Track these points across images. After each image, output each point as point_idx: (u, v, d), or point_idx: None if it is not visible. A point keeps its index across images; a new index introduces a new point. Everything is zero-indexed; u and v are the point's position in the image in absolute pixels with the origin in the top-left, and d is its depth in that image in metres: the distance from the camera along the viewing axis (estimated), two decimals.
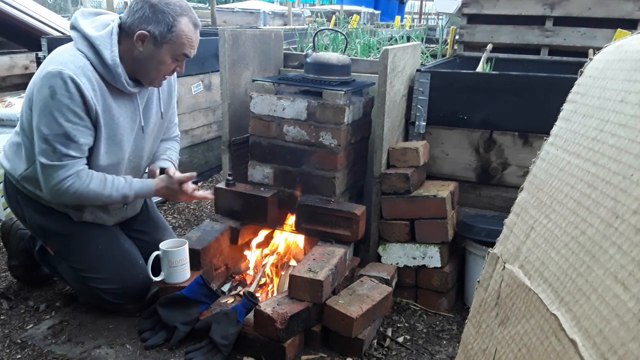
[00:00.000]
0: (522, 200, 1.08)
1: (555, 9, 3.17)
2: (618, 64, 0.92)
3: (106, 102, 1.79)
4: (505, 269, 1.04)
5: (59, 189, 1.74)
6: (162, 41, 1.76)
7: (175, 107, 2.19)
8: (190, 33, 1.79)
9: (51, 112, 1.67)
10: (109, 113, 1.80)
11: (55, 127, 1.68)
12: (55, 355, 1.80)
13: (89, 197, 1.80)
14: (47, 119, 1.68)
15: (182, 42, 1.78)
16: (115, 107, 1.82)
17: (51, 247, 2.01)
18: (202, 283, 1.90)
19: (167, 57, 1.79)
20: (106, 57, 1.73)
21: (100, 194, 1.81)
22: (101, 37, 1.75)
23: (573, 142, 0.96)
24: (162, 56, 1.78)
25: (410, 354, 1.93)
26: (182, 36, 1.77)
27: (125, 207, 2.07)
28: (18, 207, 1.96)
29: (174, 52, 1.79)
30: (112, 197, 1.84)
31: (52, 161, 1.71)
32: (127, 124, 1.88)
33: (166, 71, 1.83)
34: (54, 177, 1.73)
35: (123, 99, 1.85)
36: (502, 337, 0.99)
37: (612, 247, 0.74)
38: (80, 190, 1.76)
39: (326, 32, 3.67)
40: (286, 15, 8.09)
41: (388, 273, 2.12)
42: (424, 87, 2.34)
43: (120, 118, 1.84)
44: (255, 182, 2.27)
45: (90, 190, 1.78)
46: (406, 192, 2.17)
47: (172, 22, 1.74)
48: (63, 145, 1.70)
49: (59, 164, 1.71)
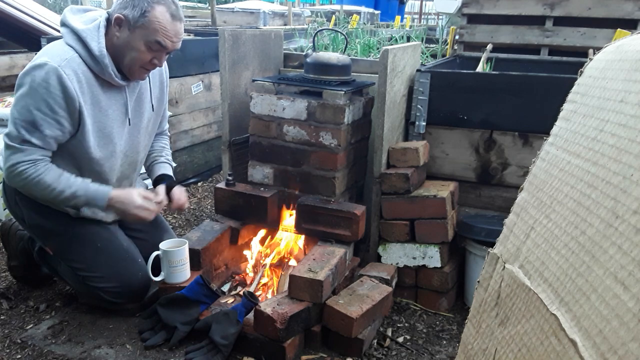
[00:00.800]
0: (522, 200, 1.08)
1: (555, 9, 3.17)
2: (618, 64, 0.92)
3: (94, 94, 1.80)
4: (505, 269, 1.04)
5: (12, 171, 1.75)
6: (135, 25, 1.75)
7: (166, 102, 2.19)
8: (165, 22, 1.75)
9: (26, 99, 1.70)
10: (97, 105, 1.81)
11: (25, 114, 1.70)
12: (55, 355, 1.80)
13: (38, 187, 1.77)
14: (21, 104, 1.71)
15: (155, 29, 1.74)
16: (104, 99, 1.83)
17: (50, 248, 2.01)
18: (202, 283, 1.90)
19: (140, 44, 1.76)
20: (93, 48, 1.75)
21: (52, 187, 1.77)
22: (88, 30, 1.77)
23: (573, 142, 0.96)
24: (135, 42, 1.76)
25: (410, 354, 1.93)
26: (155, 22, 1.74)
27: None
28: (17, 208, 1.96)
29: (147, 39, 1.75)
30: (63, 194, 1.79)
31: (12, 143, 1.73)
32: (117, 116, 1.89)
33: (141, 60, 1.79)
34: (10, 159, 1.75)
35: (112, 92, 1.86)
36: (502, 337, 0.99)
37: (612, 247, 0.74)
38: (31, 177, 1.75)
39: (326, 32, 3.67)
40: (286, 15, 8.09)
41: (388, 273, 2.12)
42: (424, 87, 2.34)
43: (109, 110, 1.85)
44: (255, 182, 2.27)
45: (42, 181, 1.76)
46: (406, 192, 2.17)
47: (146, 8, 1.74)
48: (27, 132, 1.71)
49: (18, 147, 1.73)
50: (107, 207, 1.88)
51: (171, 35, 1.78)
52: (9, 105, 3.21)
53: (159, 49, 1.79)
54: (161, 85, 2.09)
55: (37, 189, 1.79)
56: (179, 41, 1.83)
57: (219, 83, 2.39)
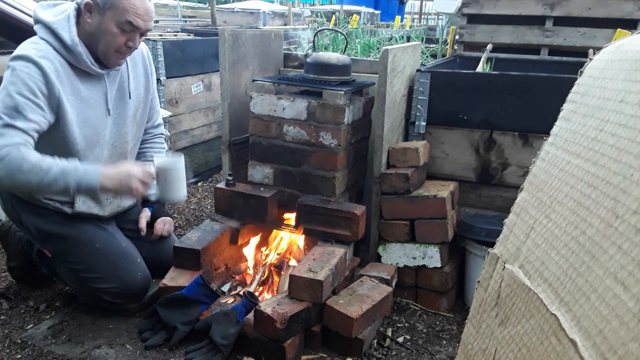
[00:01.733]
0: (522, 200, 1.08)
1: (555, 9, 3.17)
2: (618, 64, 0.92)
3: (73, 85, 1.79)
4: (505, 269, 1.04)
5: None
6: (105, 7, 1.74)
7: (155, 92, 2.15)
8: (135, 1, 1.73)
9: (7, 86, 1.69)
10: (77, 96, 1.80)
11: (7, 100, 1.67)
12: (55, 355, 1.80)
13: (22, 170, 1.62)
14: (3, 94, 1.68)
15: (125, 8, 1.72)
16: (84, 89, 1.82)
17: (48, 250, 2.00)
18: (202, 283, 1.90)
19: (112, 26, 1.74)
20: (65, 38, 1.75)
21: (37, 167, 1.64)
22: (59, 22, 1.77)
23: (573, 142, 0.96)
24: (106, 25, 1.75)
25: (410, 354, 1.93)
26: (123, 1, 1.72)
27: (120, 195, 2.00)
28: (13, 211, 1.96)
29: (117, 19, 1.73)
30: (51, 172, 1.65)
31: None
32: (99, 106, 1.87)
33: (116, 44, 1.76)
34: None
35: (92, 82, 1.85)
36: (502, 337, 0.99)
37: (612, 247, 0.74)
38: (14, 160, 1.61)
39: (326, 32, 3.67)
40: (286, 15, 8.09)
41: (388, 273, 2.12)
42: (424, 87, 2.34)
43: (90, 100, 1.84)
44: (255, 182, 2.27)
45: (26, 161, 1.62)
46: (406, 192, 2.17)
47: None
48: (9, 117, 1.65)
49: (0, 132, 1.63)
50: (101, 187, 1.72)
51: (141, 13, 1.75)
52: None
53: (131, 29, 1.76)
54: (145, 72, 2.06)
55: (21, 172, 1.63)
56: (151, 20, 1.80)
57: (219, 83, 2.39)
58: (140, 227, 2.08)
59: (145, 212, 2.14)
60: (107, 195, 1.97)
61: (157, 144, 2.23)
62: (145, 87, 2.06)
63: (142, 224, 2.09)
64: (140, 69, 2.04)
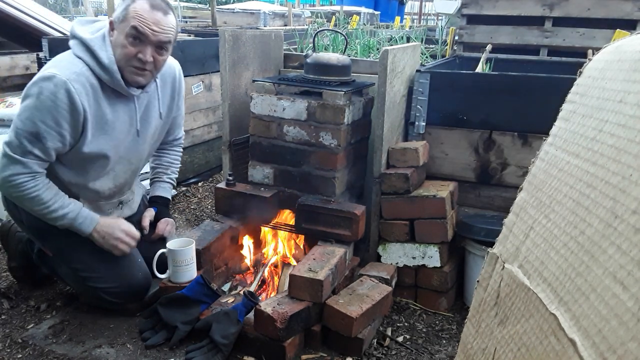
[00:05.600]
0: (522, 200, 1.08)
1: (554, 10, 3.18)
2: (617, 64, 0.92)
3: (101, 106, 1.79)
4: (504, 268, 1.04)
5: (9, 181, 1.74)
6: (119, 21, 1.75)
7: (181, 109, 2.19)
8: (142, 10, 1.72)
9: (31, 110, 1.70)
10: (103, 117, 1.81)
11: (29, 125, 1.70)
12: (56, 355, 1.81)
13: (33, 202, 1.78)
14: (26, 114, 1.71)
15: (132, 17, 1.71)
16: (110, 111, 1.82)
17: (49, 249, 2.00)
18: (202, 283, 1.91)
19: (122, 38, 1.74)
20: (102, 57, 1.75)
21: (47, 205, 1.79)
22: (96, 39, 1.78)
23: (572, 142, 0.97)
24: (120, 38, 1.75)
25: (410, 353, 1.93)
26: (132, 11, 1.73)
27: (121, 206, 2.08)
28: (15, 210, 1.96)
29: (127, 30, 1.72)
30: (55, 213, 1.82)
31: (14, 154, 1.72)
32: (124, 128, 1.88)
33: (127, 56, 1.74)
34: (10, 169, 1.74)
35: (120, 103, 1.85)
36: (501, 336, 1.00)
37: (611, 246, 0.74)
38: (29, 191, 1.76)
39: (326, 33, 3.68)
40: (286, 15, 8.09)
41: (388, 273, 2.12)
42: (423, 88, 2.34)
43: (116, 122, 1.85)
44: (255, 182, 2.27)
45: (39, 197, 1.78)
46: (406, 192, 2.17)
47: (128, 3, 1.74)
48: (29, 143, 1.71)
49: (19, 159, 1.72)
50: (89, 236, 1.90)
51: (149, 22, 1.72)
52: (9, 106, 3.21)
53: (138, 37, 1.73)
54: (172, 92, 2.08)
55: (31, 203, 1.79)
56: (163, 33, 1.75)
57: (220, 83, 2.39)
58: (143, 225, 2.09)
59: (149, 211, 2.15)
60: (109, 207, 2.03)
61: (174, 153, 2.29)
62: (169, 106, 2.08)
63: (145, 223, 2.10)
64: (168, 90, 2.05)
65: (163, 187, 2.23)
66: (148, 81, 1.87)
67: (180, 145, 2.32)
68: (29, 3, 4.25)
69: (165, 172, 2.25)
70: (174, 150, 2.29)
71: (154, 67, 1.81)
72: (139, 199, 2.21)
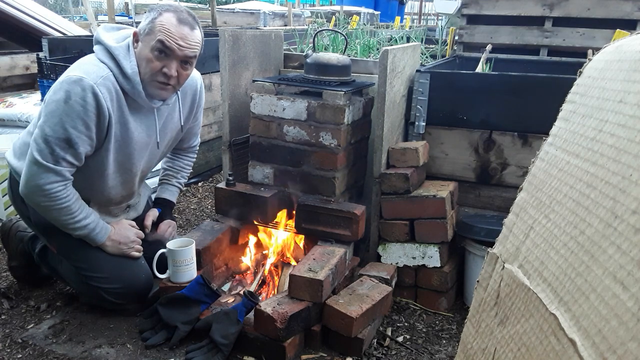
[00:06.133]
0: (522, 200, 1.08)
1: (554, 10, 3.18)
2: (617, 64, 0.92)
3: (124, 114, 1.79)
4: (504, 268, 1.04)
5: (45, 190, 1.72)
6: (144, 33, 1.75)
7: (199, 120, 2.20)
8: (169, 24, 1.71)
9: (60, 115, 1.67)
10: (124, 126, 1.81)
11: (60, 131, 1.68)
12: (56, 355, 1.81)
13: (61, 211, 1.78)
14: (54, 120, 1.68)
15: (159, 30, 1.71)
16: (131, 120, 1.82)
17: (54, 246, 2.01)
18: (202, 283, 1.91)
19: (147, 51, 1.73)
20: (126, 67, 1.74)
21: (74, 214, 1.81)
22: (120, 48, 1.77)
23: (572, 142, 0.97)
24: (144, 51, 1.74)
25: (410, 353, 1.94)
26: (158, 25, 1.72)
27: (128, 209, 2.10)
28: (22, 206, 1.96)
29: (152, 43, 1.72)
30: (79, 223, 1.83)
31: (47, 162, 1.70)
32: (142, 139, 1.89)
33: (151, 69, 1.74)
34: (42, 177, 1.72)
35: (140, 114, 1.85)
36: (501, 336, 1.00)
37: (611, 246, 0.74)
38: (61, 201, 1.76)
39: (326, 33, 3.68)
40: (286, 15, 8.09)
41: (388, 273, 2.12)
42: (423, 88, 2.35)
43: (135, 132, 1.85)
44: (255, 182, 2.27)
45: (69, 207, 1.78)
46: (406, 192, 2.17)
47: (155, 16, 1.74)
48: (62, 150, 1.70)
49: (52, 167, 1.71)
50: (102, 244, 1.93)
51: (176, 37, 1.72)
52: (9, 106, 3.21)
53: (164, 52, 1.72)
54: (192, 105, 2.09)
55: (59, 213, 1.79)
56: (190, 48, 1.75)
57: (219, 83, 2.39)
58: (145, 224, 2.10)
59: (153, 211, 2.17)
60: (118, 210, 2.05)
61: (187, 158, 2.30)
62: (186, 118, 2.08)
63: (147, 222, 2.11)
64: (188, 102, 2.06)
65: (170, 190, 2.25)
66: (170, 95, 1.87)
67: (195, 152, 2.34)
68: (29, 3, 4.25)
69: (175, 175, 2.27)
70: (187, 156, 2.31)
71: (177, 82, 1.81)
72: (145, 200, 2.22)
